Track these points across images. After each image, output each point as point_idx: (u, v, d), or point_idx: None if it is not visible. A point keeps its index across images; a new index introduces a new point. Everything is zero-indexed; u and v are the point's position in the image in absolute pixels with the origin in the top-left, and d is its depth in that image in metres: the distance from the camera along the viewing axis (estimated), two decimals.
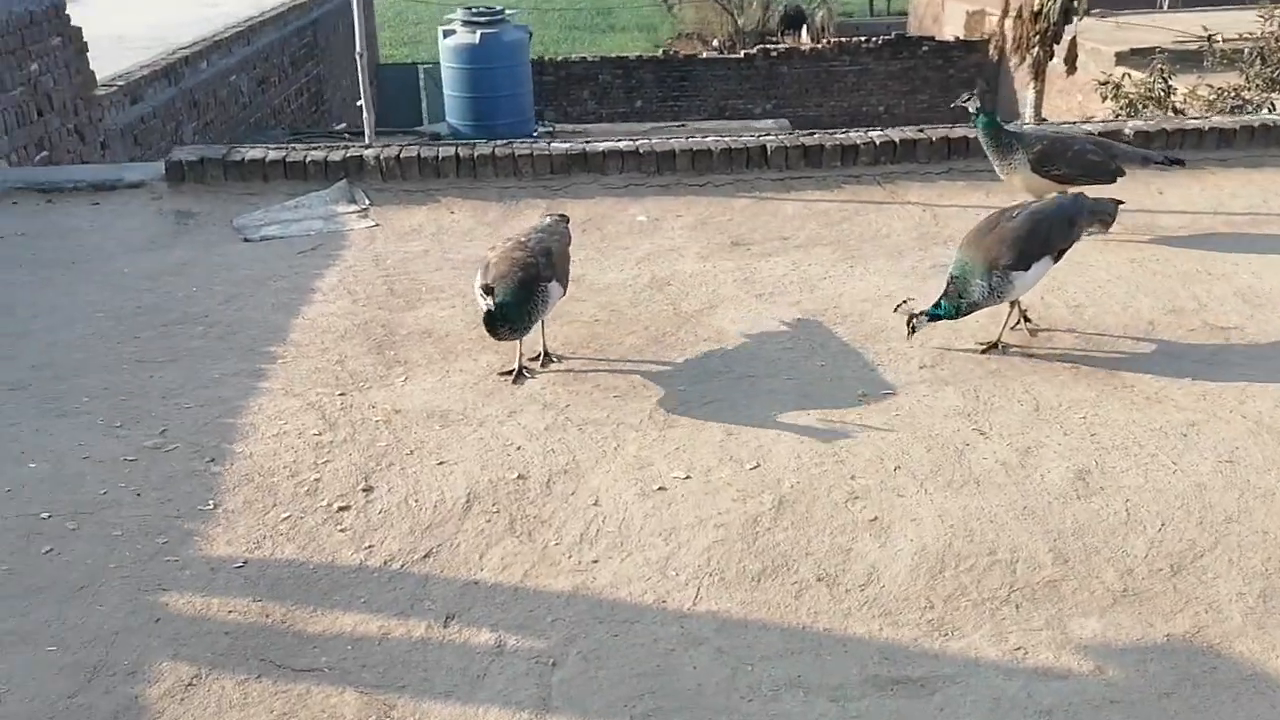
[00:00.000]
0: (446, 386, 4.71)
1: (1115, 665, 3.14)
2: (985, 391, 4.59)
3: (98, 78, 10.74)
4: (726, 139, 7.42)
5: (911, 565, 3.53)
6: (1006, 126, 6.19)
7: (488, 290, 4.53)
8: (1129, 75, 14.67)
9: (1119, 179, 6.10)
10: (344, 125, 16.99)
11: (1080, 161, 5.98)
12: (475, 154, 7.14)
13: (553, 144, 7.37)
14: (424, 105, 21.80)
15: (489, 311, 4.47)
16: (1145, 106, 14.00)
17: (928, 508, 3.82)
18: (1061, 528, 3.70)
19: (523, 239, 4.82)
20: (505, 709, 3.01)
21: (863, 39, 22.90)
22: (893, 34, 23.42)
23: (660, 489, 3.95)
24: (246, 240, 6.47)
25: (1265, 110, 12.72)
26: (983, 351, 4.93)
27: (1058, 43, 15.59)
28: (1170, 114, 13.32)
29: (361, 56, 8.79)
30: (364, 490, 3.97)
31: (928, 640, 3.23)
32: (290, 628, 3.32)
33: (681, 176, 7.19)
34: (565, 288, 4.87)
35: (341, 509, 3.86)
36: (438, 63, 24.87)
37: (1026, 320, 5.09)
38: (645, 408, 4.50)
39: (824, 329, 5.20)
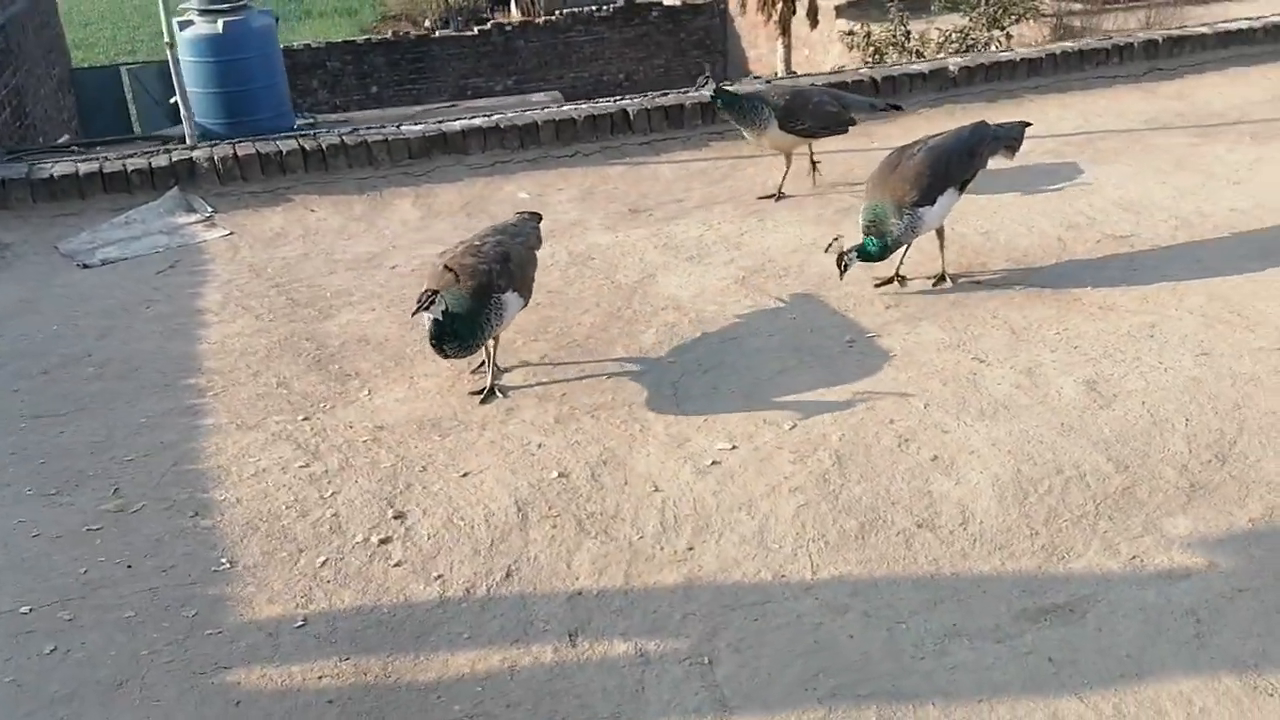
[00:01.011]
0: (420, 394, 4.30)
1: (1222, 556, 3.26)
2: (958, 322, 4.67)
3: None
4: (585, 107, 7.19)
5: (995, 496, 3.53)
6: (735, 89, 6.10)
7: (428, 300, 3.89)
8: (867, 25, 15.42)
9: (850, 128, 6.23)
10: (66, 138, 15.29)
11: (820, 113, 6.02)
12: (324, 145, 6.57)
13: (403, 126, 6.88)
14: (133, 111, 20.08)
15: (436, 323, 3.91)
16: (886, 52, 14.81)
17: (976, 439, 3.84)
18: (1102, 437, 3.82)
19: (477, 242, 4.29)
20: (684, 716, 2.77)
21: (594, 7, 22.90)
22: (622, 1, 23.55)
23: (714, 463, 3.76)
24: (85, 266, 5.67)
25: (993, 47, 13.72)
26: (934, 285, 5.02)
27: None
28: (914, 57, 14.17)
29: (171, 46, 7.85)
30: (396, 518, 3.55)
31: (1050, 566, 3.25)
32: (399, 681, 2.92)
33: (548, 149, 6.90)
34: (527, 298, 4.35)
35: (382, 542, 3.44)
36: (142, 63, 22.84)
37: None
38: (647, 384, 4.28)
39: (772, 284, 5.13)
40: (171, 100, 7.94)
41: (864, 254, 4.76)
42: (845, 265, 4.78)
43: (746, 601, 3.15)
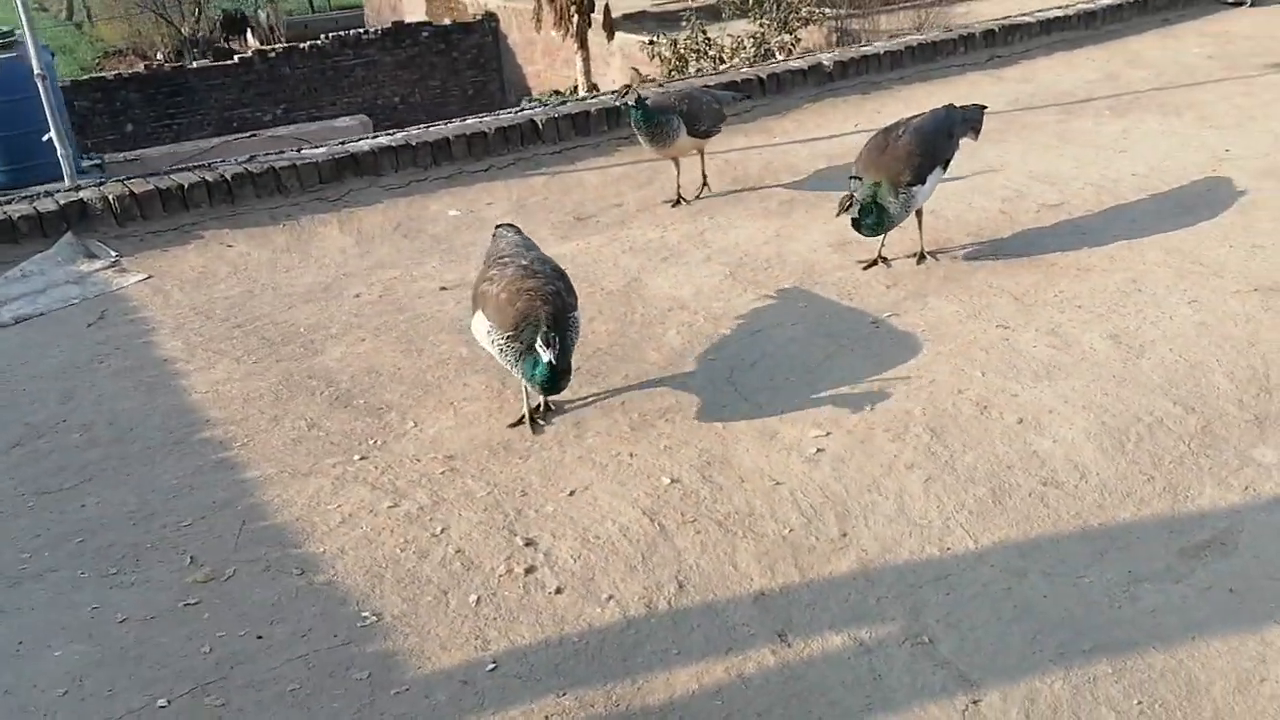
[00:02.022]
0: (471, 420, 4.06)
1: None
2: (961, 294, 4.84)
3: None
4: (489, 119, 6.98)
5: (1097, 448, 3.68)
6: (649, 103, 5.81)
7: (553, 340, 3.62)
8: (663, 34, 15.71)
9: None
10: None
11: (710, 112, 6.05)
12: (228, 175, 6.07)
13: (304, 150, 6.46)
14: None
15: (565, 370, 3.72)
16: (689, 59, 15.17)
17: (1047, 398, 3.99)
18: (1154, 383, 4.05)
19: (523, 262, 3.99)
20: (938, 700, 2.74)
21: (362, 30, 22.23)
22: (390, 24, 22.95)
23: (818, 451, 3.74)
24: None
25: (782, 53, 14.32)
26: (918, 263, 5.18)
27: (593, 12, 16.28)
28: (716, 63, 14.59)
29: (43, 79, 6.91)
30: (527, 545, 3.33)
31: (1180, 505, 3.41)
32: (630, 708, 2.74)
33: (461, 165, 6.66)
34: None
35: (528, 571, 3.22)
36: None
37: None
38: (701, 383, 4.21)
39: (762, 277, 5.15)
40: (45, 138, 7.09)
41: (864, 221, 4.78)
42: (846, 207, 4.79)
43: (927, 578, 3.15)
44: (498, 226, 4.61)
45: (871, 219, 4.83)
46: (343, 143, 6.60)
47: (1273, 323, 4.41)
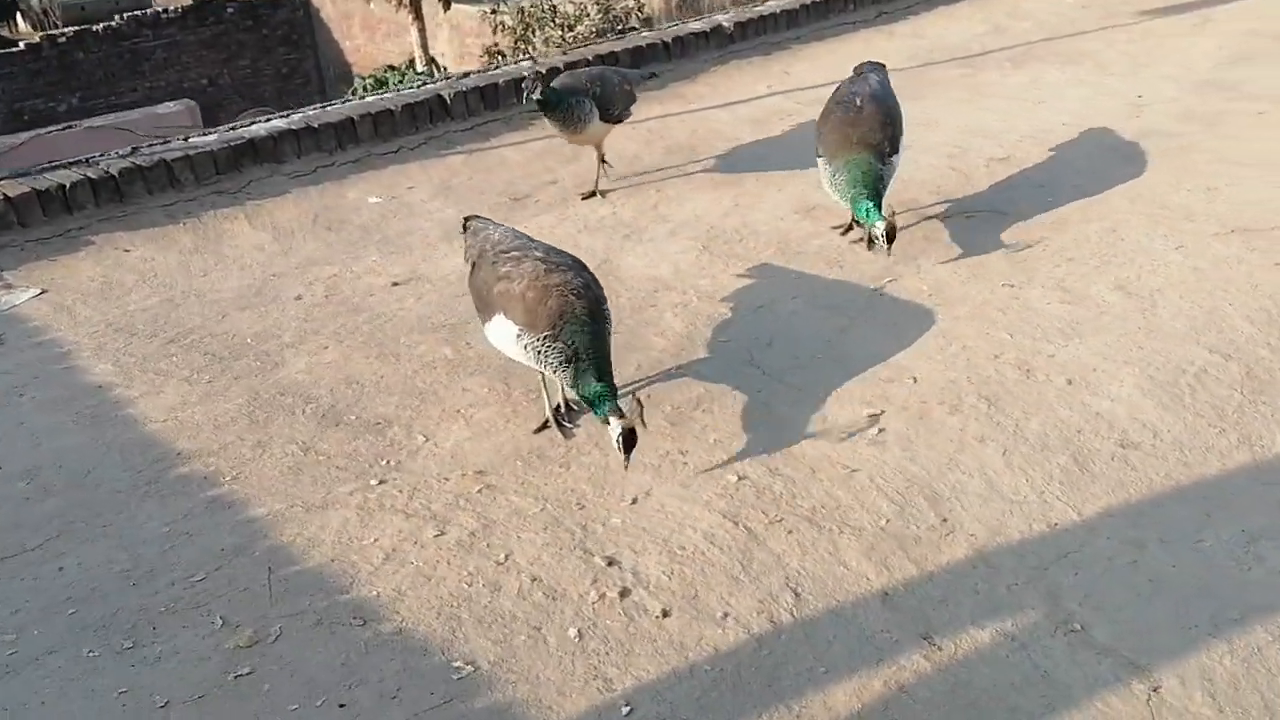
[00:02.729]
0: (489, 429, 3.64)
1: None
2: (951, 254, 4.70)
3: None
4: (391, 96, 6.42)
5: (1157, 404, 3.58)
6: (556, 87, 5.37)
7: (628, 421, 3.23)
8: (505, 3, 15.17)
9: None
10: None
11: (622, 95, 5.69)
12: (114, 170, 5.36)
13: (191, 138, 5.78)
14: None
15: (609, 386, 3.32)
16: (535, 29, 14.68)
17: (1085, 356, 3.88)
18: (1181, 331, 3.99)
19: (538, 254, 3.54)
20: (1117, 691, 2.56)
21: (160, 9, 20.64)
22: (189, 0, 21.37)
23: (880, 431, 3.51)
24: None
25: (633, 19, 14.01)
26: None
27: None
28: (564, 31, 14.16)
29: None
30: (610, 565, 2.98)
31: (1261, 454, 3.33)
32: None
33: (369, 147, 6.10)
34: None
35: (623, 594, 2.87)
36: None
37: None
38: (724, 367, 3.92)
39: (738, 249, 4.88)
40: None
41: (874, 213, 4.53)
42: (881, 237, 4.52)
43: (1049, 558, 2.96)
44: (467, 219, 4.10)
45: (878, 208, 4.56)
46: (233, 127, 5.94)
47: (1262, 263, 4.44)
